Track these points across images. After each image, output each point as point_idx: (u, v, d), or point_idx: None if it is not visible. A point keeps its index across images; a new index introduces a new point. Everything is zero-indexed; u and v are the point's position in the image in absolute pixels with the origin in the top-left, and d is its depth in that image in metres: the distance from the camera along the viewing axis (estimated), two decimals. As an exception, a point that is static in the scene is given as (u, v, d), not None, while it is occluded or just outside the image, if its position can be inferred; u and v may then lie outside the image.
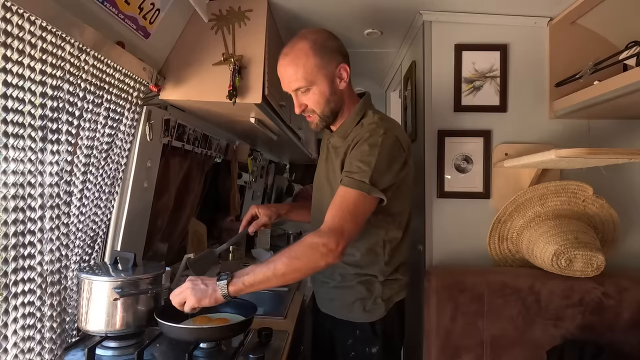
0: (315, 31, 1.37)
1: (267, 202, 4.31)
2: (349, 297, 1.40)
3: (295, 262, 1.15)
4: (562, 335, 1.56)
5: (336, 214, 1.20)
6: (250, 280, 1.15)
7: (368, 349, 1.40)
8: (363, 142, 1.28)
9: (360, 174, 1.23)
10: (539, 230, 1.61)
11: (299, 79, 1.31)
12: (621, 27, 1.67)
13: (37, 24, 0.93)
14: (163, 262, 1.92)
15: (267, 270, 1.14)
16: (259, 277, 1.15)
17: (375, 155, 1.24)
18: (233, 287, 1.15)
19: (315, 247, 1.14)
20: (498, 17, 1.79)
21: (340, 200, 1.23)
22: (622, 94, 1.35)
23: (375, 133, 1.28)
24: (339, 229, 1.17)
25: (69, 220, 1.19)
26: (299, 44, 1.32)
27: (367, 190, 1.22)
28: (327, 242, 1.14)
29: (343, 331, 1.43)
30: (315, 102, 1.34)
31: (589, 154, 1.31)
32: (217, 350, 1.32)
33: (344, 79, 1.36)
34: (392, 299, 1.42)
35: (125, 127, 1.41)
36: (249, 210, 1.61)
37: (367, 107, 1.42)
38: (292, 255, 1.15)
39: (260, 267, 1.16)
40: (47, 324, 1.07)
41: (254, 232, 1.57)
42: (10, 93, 0.92)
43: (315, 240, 1.15)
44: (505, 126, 1.79)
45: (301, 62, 1.30)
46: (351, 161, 1.27)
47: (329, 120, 1.39)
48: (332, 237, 1.15)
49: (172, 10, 1.44)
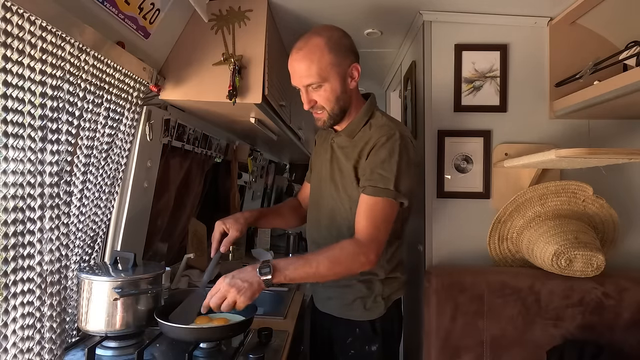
0: (330, 28, 1.35)
1: (267, 202, 4.30)
2: (349, 295, 1.41)
3: (336, 267, 1.22)
4: (562, 335, 1.56)
5: (370, 224, 1.26)
6: (292, 275, 1.19)
7: (368, 347, 1.40)
8: (380, 148, 1.30)
9: (383, 181, 1.27)
10: (539, 230, 1.61)
11: (312, 74, 1.29)
12: (621, 27, 1.67)
13: (37, 24, 0.93)
14: (163, 262, 1.92)
15: (310, 269, 1.20)
16: (300, 274, 1.20)
17: (396, 161, 1.28)
18: (276, 280, 1.17)
19: (356, 256, 1.22)
20: (498, 17, 1.79)
21: (369, 209, 1.27)
22: (622, 94, 1.35)
23: (392, 137, 1.30)
24: (375, 239, 1.24)
25: (69, 220, 1.19)
26: (314, 40, 1.30)
27: (393, 196, 1.27)
28: (366, 252, 1.22)
29: (342, 330, 1.43)
30: (326, 99, 1.34)
31: (589, 154, 1.31)
32: (217, 350, 1.32)
33: (355, 78, 1.36)
34: (392, 297, 1.43)
35: (125, 127, 1.41)
36: (215, 227, 1.43)
37: (374, 108, 1.43)
38: (334, 260, 1.22)
39: (302, 263, 1.20)
40: (47, 324, 1.07)
41: (225, 251, 1.39)
42: (10, 93, 0.92)
43: (356, 250, 1.23)
44: (505, 126, 1.79)
45: (316, 57, 1.28)
46: (372, 169, 1.30)
47: (337, 118, 1.38)
48: (372, 247, 1.23)
49: (172, 10, 1.44)
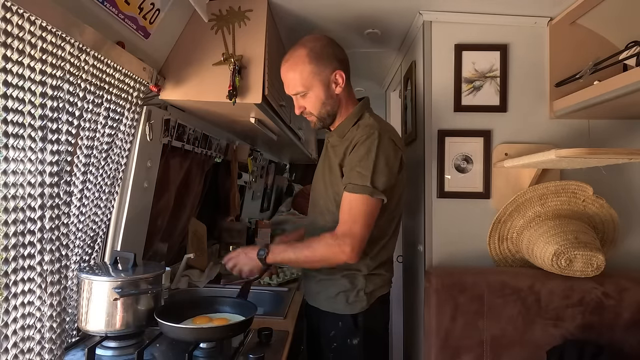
0: (314, 38, 1.46)
1: (267, 202, 4.30)
2: (333, 289, 1.47)
3: (312, 256, 1.36)
4: (562, 335, 1.56)
5: (347, 219, 1.33)
6: (278, 259, 1.42)
7: (349, 341, 1.46)
8: (360, 146, 1.37)
9: (361, 178, 1.33)
10: (539, 230, 1.61)
11: (297, 84, 1.42)
12: (621, 27, 1.67)
13: (37, 24, 0.93)
14: (163, 262, 1.92)
15: (292, 255, 1.41)
16: (284, 257, 1.42)
17: (372, 159, 1.34)
18: (268, 260, 1.41)
19: (330, 247, 1.32)
20: (498, 17, 1.79)
21: (348, 206, 1.35)
22: (622, 94, 1.35)
23: (371, 135, 1.37)
24: (350, 233, 1.31)
25: (69, 220, 1.19)
26: (298, 51, 1.42)
27: (369, 192, 1.32)
28: (340, 244, 1.31)
29: (327, 323, 1.49)
30: (312, 105, 1.45)
31: (589, 154, 1.31)
32: (217, 350, 1.31)
33: (340, 84, 1.45)
34: (375, 293, 1.47)
35: (125, 127, 1.41)
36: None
37: (364, 110, 1.50)
38: (311, 249, 1.36)
39: (289, 251, 1.42)
40: (47, 324, 1.07)
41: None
42: (10, 93, 0.92)
43: (331, 242, 1.33)
44: (505, 126, 1.79)
45: (298, 68, 1.41)
46: (351, 167, 1.37)
47: (326, 121, 1.49)
48: (346, 240, 1.30)
49: (172, 10, 1.44)
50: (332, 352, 1.48)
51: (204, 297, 1.75)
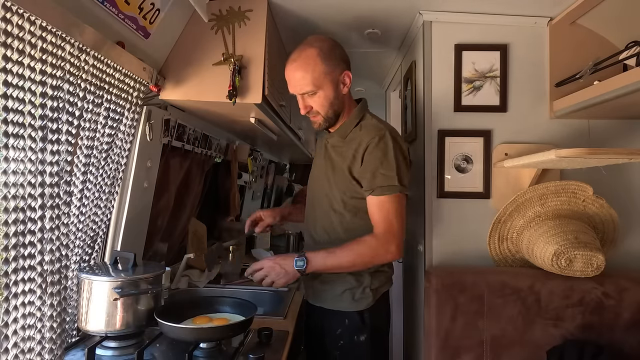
0: (321, 39, 1.47)
1: (267, 202, 4.32)
2: (339, 287, 1.48)
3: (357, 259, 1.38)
4: (562, 335, 1.56)
5: (383, 219, 1.38)
6: (320, 267, 1.38)
7: (357, 337, 1.47)
8: (374, 149, 1.40)
9: (387, 180, 1.38)
10: (539, 230, 1.61)
11: (307, 83, 1.42)
12: (621, 27, 1.67)
13: (37, 24, 0.93)
14: (163, 262, 1.92)
15: (335, 261, 1.38)
16: (327, 265, 1.39)
17: (392, 158, 1.39)
18: (308, 271, 1.37)
19: (376, 249, 1.37)
20: (498, 17, 1.79)
21: (380, 207, 1.39)
22: (622, 94, 1.35)
23: (383, 137, 1.41)
24: (391, 231, 1.37)
25: (69, 220, 1.19)
26: (307, 51, 1.42)
27: (399, 190, 1.39)
28: (384, 244, 1.37)
29: (332, 321, 1.50)
30: (320, 104, 1.46)
31: (589, 154, 1.31)
32: (217, 350, 1.31)
33: (347, 84, 1.48)
34: (380, 289, 1.50)
35: (125, 127, 1.41)
36: (253, 214, 1.79)
37: (364, 111, 1.54)
38: (356, 253, 1.37)
39: (330, 258, 1.38)
40: (47, 324, 1.07)
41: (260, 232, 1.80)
42: (10, 93, 0.92)
43: (375, 243, 1.37)
44: (505, 126, 1.79)
45: (310, 68, 1.41)
46: (372, 172, 1.40)
47: (331, 121, 1.50)
48: (389, 239, 1.37)
49: (172, 10, 1.44)
50: (338, 350, 1.49)
51: (204, 297, 1.75)
